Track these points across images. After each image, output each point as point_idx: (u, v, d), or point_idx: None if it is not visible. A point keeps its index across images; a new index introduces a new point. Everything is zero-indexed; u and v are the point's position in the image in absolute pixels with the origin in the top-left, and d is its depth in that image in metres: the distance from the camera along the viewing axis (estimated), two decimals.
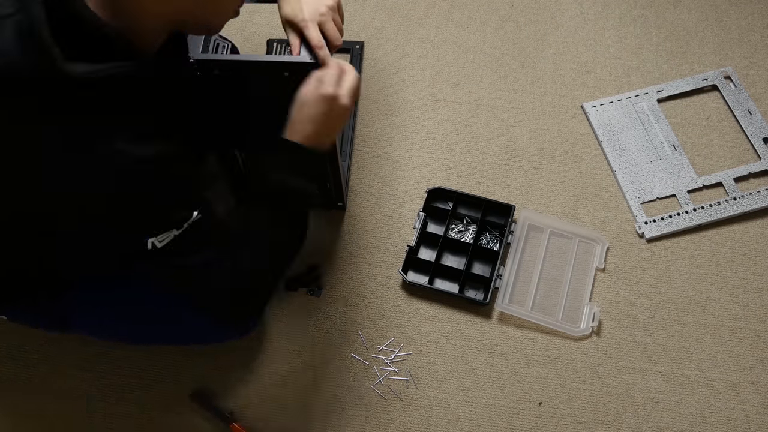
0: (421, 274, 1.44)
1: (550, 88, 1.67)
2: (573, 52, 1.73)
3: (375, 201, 1.53)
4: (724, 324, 1.38)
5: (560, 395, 1.32)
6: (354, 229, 1.50)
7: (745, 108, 1.62)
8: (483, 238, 1.47)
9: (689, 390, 1.32)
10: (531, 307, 1.40)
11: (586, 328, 1.37)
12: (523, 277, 1.44)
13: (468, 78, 1.69)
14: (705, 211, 1.49)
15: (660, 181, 1.53)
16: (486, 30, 1.77)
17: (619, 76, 1.68)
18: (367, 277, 1.44)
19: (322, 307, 1.41)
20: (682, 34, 1.75)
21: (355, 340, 1.38)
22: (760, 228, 1.48)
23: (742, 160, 1.56)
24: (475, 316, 1.40)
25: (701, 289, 1.42)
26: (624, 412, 1.30)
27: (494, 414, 1.31)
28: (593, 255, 1.45)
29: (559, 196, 1.53)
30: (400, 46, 1.75)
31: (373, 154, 1.57)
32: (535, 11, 1.80)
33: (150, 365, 1.35)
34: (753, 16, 1.76)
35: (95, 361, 1.36)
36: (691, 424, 1.29)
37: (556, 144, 1.59)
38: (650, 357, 1.35)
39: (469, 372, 1.35)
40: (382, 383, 1.34)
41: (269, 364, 1.36)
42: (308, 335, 1.39)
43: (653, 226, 1.48)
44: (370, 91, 1.68)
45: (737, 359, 1.34)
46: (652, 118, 1.61)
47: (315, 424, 1.30)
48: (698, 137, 1.59)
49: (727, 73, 1.67)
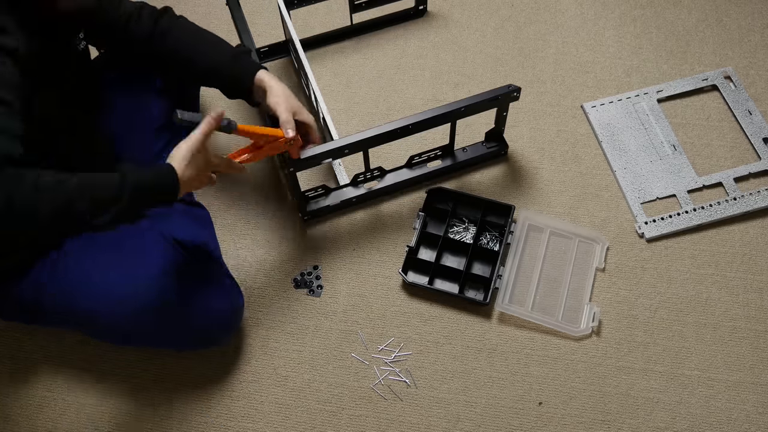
0: (421, 274, 1.44)
1: (550, 88, 1.67)
2: (573, 52, 1.73)
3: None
4: (724, 324, 1.38)
5: (560, 395, 1.32)
6: (354, 229, 1.50)
7: (745, 108, 1.62)
8: (483, 239, 1.47)
9: (689, 390, 1.32)
10: (531, 307, 1.40)
11: (586, 328, 1.37)
12: (523, 277, 1.44)
13: (468, 78, 1.69)
14: (705, 211, 1.49)
15: (660, 181, 1.53)
16: (486, 30, 1.77)
17: (619, 76, 1.68)
18: (367, 277, 1.44)
19: (322, 307, 1.41)
20: (682, 34, 1.75)
21: (355, 340, 1.38)
22: (760, 228, 1.48)
23: (742, 160, 1.56)
24: (475, 316, 1.40)
25: (701, 289, 1.42)
26: (624, 412, 1.30)
27: (494, 414, 1.31)
28: (593, 255, 1.45)
29: (559, 196, 1.53)
30: (401, 46, 1.75)
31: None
32: (535, 11, 1.80)
33: (148, 365, 1.36)
34: (753, 16, 1.76)
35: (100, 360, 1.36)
36: (691, 424, 1.29)
37: (556, 144, 1.59)
38: (650, 357, 1.35)
39: (469, 372, 1.34)
40: (382, 383, 1.34)
41: (269, 364, 1.36)
42: (308, 335, 1.39)
43: (653, 226, 1.48)
44: (370, 91, 1.68)
45: (737, 359, 1.34)
46: (652, 118, 1.61)
47: (315, 424, 1.30)
48: (698, 137, 1.59)
49: (727, 73, 1.67)
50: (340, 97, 1.67)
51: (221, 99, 1.67)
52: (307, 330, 1.39)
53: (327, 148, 1.32)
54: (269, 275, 1.45)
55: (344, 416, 1.31)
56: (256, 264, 1.46)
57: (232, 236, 1.49)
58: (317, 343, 1.38)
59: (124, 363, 1.36)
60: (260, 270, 1.45)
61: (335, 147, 1.32)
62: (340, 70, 1.71)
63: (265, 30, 1.77)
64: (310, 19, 1.78)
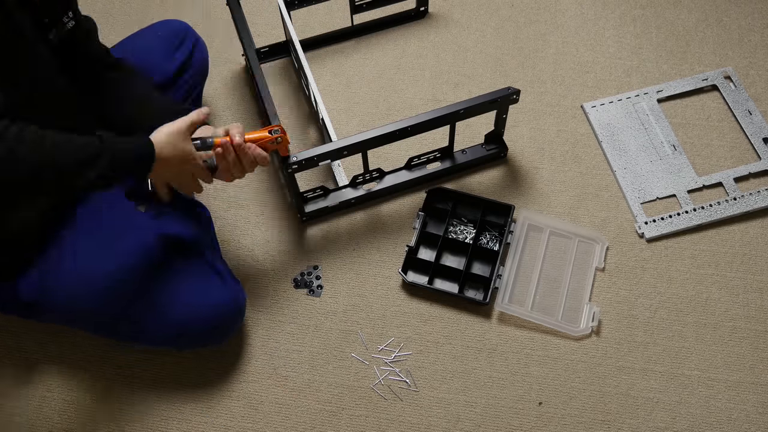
0: (421, 274, 1.44)
1: (550, 88, 1.67)
2: (573, 52, 1.73)
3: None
4: (724, 324, 1.38)
5: (560, 395, 1.32)
6: (354, 229, 1.50)
7: (745, 108, 1.62)
8: (483, 238, 1.47)
9: (689, 390, 1.32)
10: (531, 307, 1.40)
11: (586, 328, 1.37)
12: (522, 277, 1.44)
13: (468, 78, 1.69)
14: (705, 211, 1.49)
15: (660, 181, 1.53)
16: (486, 30, 1.77)
17: (619, 76, 1.69)
18: (367, 277, 1.44)
19: (322, 307, 1.41)
20: (682, 34, 1.75)
21: (355, 340, 1.38)
22: (760, 228, 1.48)
23: (742, 160, 1.56)
24: (475, 316, 1.40)
25: (701, 289, 1.42)
26: (624, 412, 1.30)
27: (494, 414, 1.31)
28: (593, 255, 1.45)
29: (559, 196, 1.53)
30: (400, 46, 1.75)
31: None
32: (535, 11, 1.80)
33: (148, 365, 1.36)
34: (753, 16, 1.76)
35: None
36: (691, 424, 1.29)
37: (556, 144, 1.59)
38: (650, 357, 1.35)
39: (469, 372, 1.35)
40: (382, 383, 1.34)
41: (269, 364, 1.36)
42: (308, 335, 1.39)
43: (653, 226, 1.48)
44: (370, 91, 1.68)
45: (737, 359, 1.34)
46: (652, 118, 1.61)
47: (315, 424, 1.31)
48: (698, 137, 1.59)
49: (727, 73, 1.67)
50: (340, 98, 1.67)
51: (219, 98, 1.67)
52: (307, 330, 1.39)
53: (325, 149, 1.32)
54: (269, 275, 1.45)
55: (344, 416, 1.31)
56: (256, 264, 1.46)
57: (233, 236, 1.49)
58: (317, 343, 1.38)
59: (124, 363, 1.36)
60: (260, 270, 1.45)
61: (334, 149, 1.32)
62: (340, 70, 1.71)
63: (265, 30, 1.77)
64: (310, 20, 1.78)
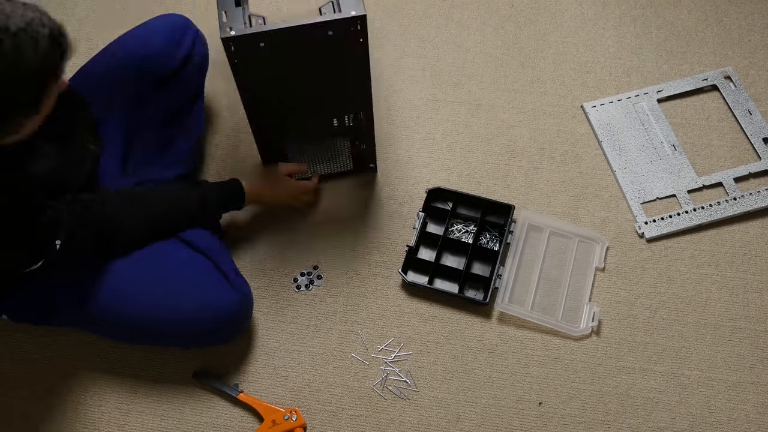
0: (421, 274, 1.44)
1: (550, 88, 1.67)
2: (573, 52, 1.73)
3: (375, 201, 1.53)
4: (724, 324, 1.38)
5: (560, 395, 1.32)
6: (354, 229, 1.50)
7: (745, 108, 1.62)
8: (483, 238, 1.47)
9: (689, 390, 1.32)
10: (531, 307, 1.40)
11: (586, 328, 1.37)
12: (522, 277, 1.44)
13: (468, 78, 1.69)
14: (705, 211, 1.49)
15: (660, 181, 1.53)
16: (486, 30, 1.77)
17: (619, 76, 1.69)
18: (367, 277, 1.44)
19: (322, 307, 1.41)
20: (682, 34, 1.75)
21: (355, 340, 1.38)
22: (760, 228, 1.48)
23: (742, 160, 1.56)
24: (475, 316, 1.40)
25: (701, 289, 1.42)
26: (624, 412, 1.30)
27: (494, 414, 1.31)
28: (593, 255, 1.45)
29: (559, 196, 1.53)
30: (400, 46, 1.75)
31: None
32: (535, 11, 1.80)
33: (148, 365, 1.36)
34: (753, 16, 1.76)
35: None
36: (691, 424, 1.29)
37: (556, 144, 1.59)
38: (650, 357, 1.35)
39: (469, 372, 1.35)
40: (382, 383, 1.34)
41: (269, 364, 1.36)
42: (308, 335, 1.39)
43: (653, 226, 1.48)
44: None
45: (737, 359, 1.34)
46: (652, 118, 1.61)
47: (315, 424, 1.30)
48: (698, 137, 1.59)
49: (727, 73, 1.67)
50: None
51: (220, 96, 1.67)
52: (307, 330, 1.39)
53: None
54: (269, 275, 1.45)
55: (344, 416, 1.31)
56: (256, 264, 1.46)
57: (233, 236, 1.49)
58: (317, 343, 1.38)
59: (124, 363, 1.36)
60: (260, 270, 1.45)
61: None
62: None
63: None
64: None
